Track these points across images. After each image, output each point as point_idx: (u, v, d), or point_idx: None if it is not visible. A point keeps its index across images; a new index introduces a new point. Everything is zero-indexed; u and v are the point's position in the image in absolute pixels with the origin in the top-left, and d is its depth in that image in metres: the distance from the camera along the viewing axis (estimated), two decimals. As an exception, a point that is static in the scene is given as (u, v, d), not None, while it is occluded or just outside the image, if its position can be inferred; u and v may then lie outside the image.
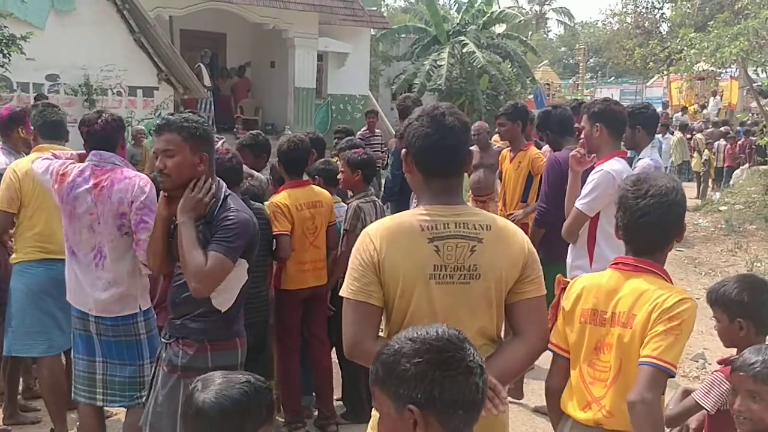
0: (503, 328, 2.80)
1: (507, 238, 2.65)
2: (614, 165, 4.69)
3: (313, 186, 5.57)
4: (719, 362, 3.35)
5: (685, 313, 2.72)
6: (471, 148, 8.67)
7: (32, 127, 5.22)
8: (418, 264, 2.54)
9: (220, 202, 3.57)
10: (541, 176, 6.21)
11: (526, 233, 2.96)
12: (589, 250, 4.78)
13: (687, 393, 3.43)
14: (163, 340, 3.72)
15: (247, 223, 3.55)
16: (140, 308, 4.28)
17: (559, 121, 6.03)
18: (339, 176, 5.79)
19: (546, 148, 6.83)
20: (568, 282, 4.23)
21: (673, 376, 2.73)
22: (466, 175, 6.87)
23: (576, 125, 6.28)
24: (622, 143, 5.53)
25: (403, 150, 2.72)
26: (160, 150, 3.54)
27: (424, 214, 2.60)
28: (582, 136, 4.95)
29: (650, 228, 2.86)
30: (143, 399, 4.06)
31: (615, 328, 2.82)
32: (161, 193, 3.64)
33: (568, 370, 2.99)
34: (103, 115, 4.35)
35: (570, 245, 4.98)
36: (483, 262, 2.58)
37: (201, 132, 3.57)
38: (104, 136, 4.30)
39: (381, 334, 2.68)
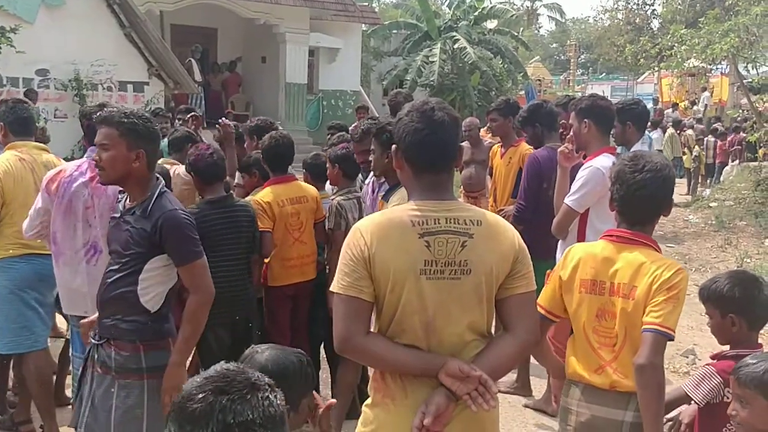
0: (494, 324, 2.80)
1: (497, 234, 2.65)
2: (603, 161, 4.68)
3: (299, 182, 5.54)
4: (712, 357, 3.38)
5: (681, 283, 2.98)
6: (462, 144, 8.68)
7: (2, 123, 5.10)
8: (409, 259, 2.54)
9: (154, 198, 3.54)
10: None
11: None
12: None
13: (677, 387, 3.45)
14: (93, 341, 3.66)
15: (188, 223, 3.58)
16: None
17: (549, 114, 6.05)
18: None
19: None
20: None
21: (672, 340, 2.97)
22: (457, 170, 6.79)
23: (564, 122, 6.33)
24: (612, 139, 5.54)
25: (393, 146, 2.72)
26: (98, 143, 3.54)
27: (414, 210, 2.60)
28: (571, 132, 4.96)
29: (645, 200, 3.10)
30: None
31: (617, 298, 3.05)
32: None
33: (548, 329, 3.29)
34: (105, 108, 4.30)
35: (560, 241, 4.98)
36: (473, 257, 2.58)
37: (141, 128, 3.52)
38: None
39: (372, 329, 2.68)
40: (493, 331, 2.78)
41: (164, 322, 3.61)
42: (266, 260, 5.36)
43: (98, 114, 3.73)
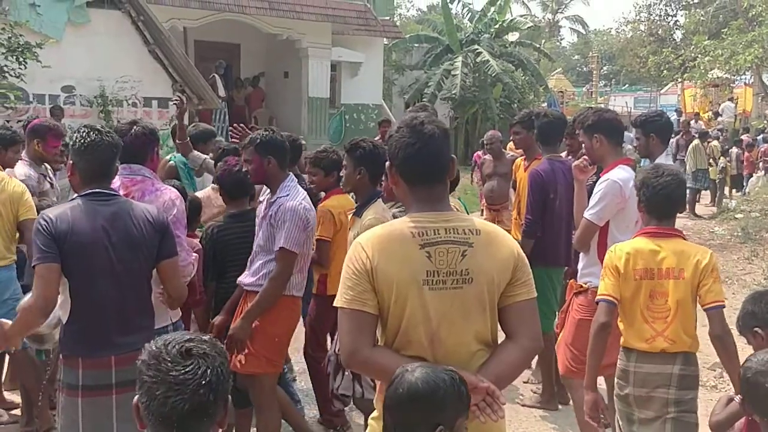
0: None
1: (496, 242, 2.68)
2: (620, 173, 4.72)
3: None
4: None
5: (716, 262, 3.84)
6: (485, 155, 8.62)
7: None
8: (411, 270, 2.57)
9: None
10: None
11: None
12: (600, 259, 4.80)
13: (731, 399, 3.51)
14: None
15: (37, 228, 3.45)
16: (170, 320, 4.14)
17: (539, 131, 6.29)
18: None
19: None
20: (582, 286, 4.52)
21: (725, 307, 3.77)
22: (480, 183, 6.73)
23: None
24: (636, 151, 5.55)
25: (387, 163, 2.77)
26: None
27: (413, 222, 2.64)
28: (583, 149, 5.06)
29: (668, 198, 3.86)
30: None
31: (667, 281, 3.79)
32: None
33: (615, 313, 3.90)
34: (135, 127, 4.25)
35: (581, 254, 5.01)
36: (474, 266, 2.61)
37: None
38: (133, 150, 4.16)
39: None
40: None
41: (73, 337, 3.52)
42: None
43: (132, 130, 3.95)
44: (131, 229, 3.56)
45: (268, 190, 4.78)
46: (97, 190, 3.57)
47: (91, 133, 3.60)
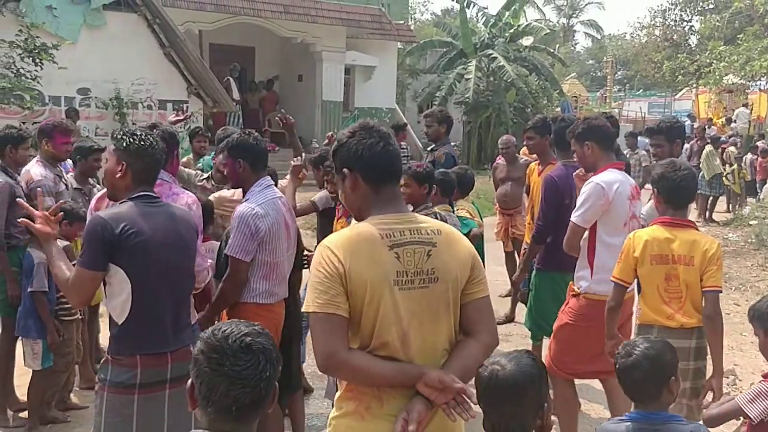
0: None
1: (456, 242, 2.77)
2: (605, 176, 4.84)
3: None
4: (764, 376, 3.45)
5: (721, 252, 4.28)
6: (500, 159, 8.59)
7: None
8: (383, 271, 2.61)
9: None
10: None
11: (520, 246, 3.05)
12: (590, 262, 4.90)
13: (731, 399, 3.51)
14: None
15: (91, 231, 3.43)
16: None
17: (555, 136, 6.26)
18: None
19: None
20: (575, 290, 4.99)
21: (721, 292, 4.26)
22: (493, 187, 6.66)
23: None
24: (652, 156, 5.62)
25: (344, 170, 2.76)
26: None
27: (379, 224, 2.68)
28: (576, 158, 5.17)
29: (685, 190, 4.32)
30: None
31: (680, 266, 4.23)
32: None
33: (623, 294, 4.42)
34: (155, 131, 4.30)
35: (578, 259, 5.09)
36: (439, 264, 2.67)
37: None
38: None
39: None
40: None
41: (131, 337, 3.51)
42: None
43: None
44: (182, 231, 3.63)
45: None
46: (145, 193, 3.60)
47: (148, 136, 3.65)
